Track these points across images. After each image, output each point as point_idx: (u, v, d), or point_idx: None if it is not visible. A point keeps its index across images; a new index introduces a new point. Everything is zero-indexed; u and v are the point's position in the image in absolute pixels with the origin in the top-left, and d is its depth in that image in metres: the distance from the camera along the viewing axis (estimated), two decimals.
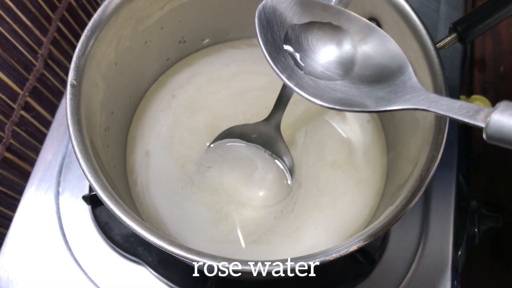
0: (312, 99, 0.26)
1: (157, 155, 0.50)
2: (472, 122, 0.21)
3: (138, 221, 0.34)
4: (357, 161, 0.50)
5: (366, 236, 0.34)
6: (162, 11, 0.47)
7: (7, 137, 0.56)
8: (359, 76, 0.28)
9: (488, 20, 0.41)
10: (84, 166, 0.35)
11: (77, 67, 0.39)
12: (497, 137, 0.19)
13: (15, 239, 0.51)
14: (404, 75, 0.26)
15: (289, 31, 0.30)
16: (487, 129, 0.20)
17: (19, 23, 0.55)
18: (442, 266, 0.48)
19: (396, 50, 0.28)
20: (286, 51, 0.29)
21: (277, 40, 0.29)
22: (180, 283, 0.48)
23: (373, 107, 0.26)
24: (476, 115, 0.21)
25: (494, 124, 0.19)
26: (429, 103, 0.24)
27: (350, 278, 0.48)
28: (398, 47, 0.28)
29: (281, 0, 0.30)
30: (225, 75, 0.55)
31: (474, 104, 0.22)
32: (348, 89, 0.28)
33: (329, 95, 0.27)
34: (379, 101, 0.25)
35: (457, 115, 0.22)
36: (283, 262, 0.32)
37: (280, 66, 0.28)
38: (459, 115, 0.22)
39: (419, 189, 0.35)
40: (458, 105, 0.22)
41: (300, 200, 0.48)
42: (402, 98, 0.25)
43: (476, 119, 0.20)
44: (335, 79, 0.28)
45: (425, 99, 0.24)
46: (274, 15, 0.30)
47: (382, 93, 0.26)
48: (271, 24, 0.29)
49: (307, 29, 0.30)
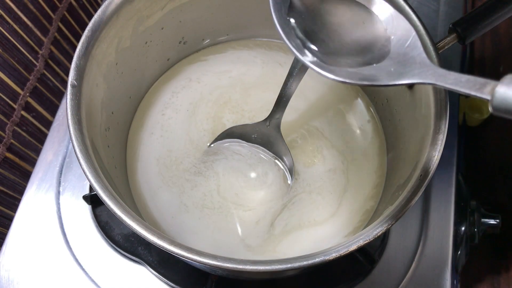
0: (326, 73, 0.26)
1: (157, 155, 0.50)
2: (478, 95, 0.21)
3: (138, 221, 0.34)
4: (357, 161, 0.50)
5: (366, 236, 0.34)
6: (163, 11, 0.47)
7: (7, 137, 0.56)
8: (371, 52, 0.28)
9: (488, 20, 0.41)
10: (85, 166, 0.36)
11: (78, 67, 0.39)
12: (503, 109, 0.20)
13: (16, 239, 0.51)
14: (413, 51, 0.27)
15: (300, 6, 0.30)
16: (493, 101, 0.20)
17: (20, 23, 0.55)
18: (442, 266, 0.48)
19: (408, 28, 0.28)
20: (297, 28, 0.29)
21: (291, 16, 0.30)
22: (180, 283, 0.48)
23: (385, 81, 0.26)
24: (482, 88, 0.21)
25: (500, 96, 0.20)
26: (436, 77, 0.24)
27: (350, 278, 0.48)
28: (409, 24, 0.28)
29: None
30: (225, 75, 0.55)
31: (480, 78, 0.22)
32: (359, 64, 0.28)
33: (340, 70, 0.27)
34: (390, 75, 0.26)
35: (464, 88, 0.22)
36: (282, 261, 0.32)
37: (294, 43, 0.28)
38: (466, 88, 0.22)
39: (419, 189, 0.35)
40: (465, 79, 0.22)
41: (300, 200, 0.48)
42: (411, 73, 0.25)
43: (482, 92, 0.21)
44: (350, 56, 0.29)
45: (433, 73, 0.25)
46: None
47: (393, 68, 0.26)
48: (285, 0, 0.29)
49: (320, 4, 0.30)
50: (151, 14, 0.46)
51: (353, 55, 0.29)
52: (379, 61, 0.28)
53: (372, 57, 0.28)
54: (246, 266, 0.32)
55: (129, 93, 0.50)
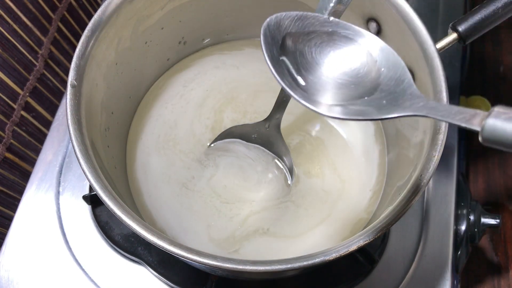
0: (320, 111, 0.27)
1: (157, 155, 0.50)
2: (469, 127, 0.22)
3: (138, 221, 0.34)
4: (357, 161, 0.50)
5: (366, 236, 0.34)
6: (162, 11, 0.47)
7: (7, 137, 0.56)
8: (363, 86, 0.29)
9: (488, 20, 0.41)
10: (84, 166, 0.35)
11: (78, 67, 0.39)
12: (492, 140, 0.20)
13: (16, 239, 0.51)
14: (404, 83, 0.27)
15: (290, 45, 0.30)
16: (483, 133, 0.21)
17: (20, 23, 0.55)
18: (442, 266, 0.48)
19: (397, 60, 0.29)
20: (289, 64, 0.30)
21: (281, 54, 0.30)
22: (180, 283, 0.48)
23: (376, 115, 0.26)
24: (472, 120, 0.22)
25: (489, 128, 0.20)
26: (428, 110, 0.25)
27: (350, 278, 0.48)
28: (399, 57, 0.29)
29: (285, 16, 0.31)
30: (225, 75, 0.55)
31: (470, 109, 0.23)
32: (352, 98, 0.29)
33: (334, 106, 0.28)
34: (382, 108, 0.26)
35: (455, 120, 0.23)
36: (282, 262, 0.32)
37: (286, 80, 0.28)
38: (457, 120, 0.23)
39: (419, 189, 0.35)
40: (456, 111, 0.23)
41: (300, 200, 0.48)
42: (403, 105, 0.26)
43: (472, 124, 0.22)
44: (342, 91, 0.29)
45: (424, 105, 0.25)
46: (278, 31, 0.30)
47: (385, 101, 0.27)
48: (276, 40, 0.30)
49: (310, 41, 0.31)
50: (151, 14, 0.46)
51: (345, 89, 0.29)
52: (371, 94, 0.28)
53: (363, 91, 0.28)
54: (246, 266, 0.32)
55: (129, 93, 0.50)
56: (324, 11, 0.37)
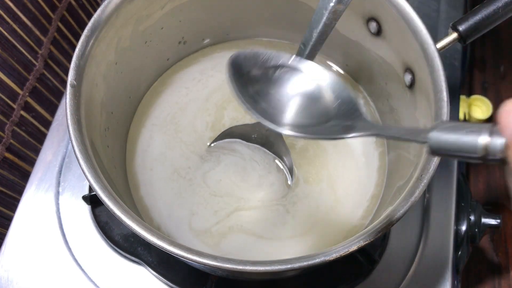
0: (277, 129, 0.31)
1: (157, 155, 0.50)
2: (416, 139, 0.24)
3: (138, 221, 0.34)
4: (357, 161, 0.50)
5: (366, 236, 0.34)
6: (162, 11, 0.47)
7: (7, 137, 0.56)
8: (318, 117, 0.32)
9: (489, 20, 0.41)
10: (84, 166, 0.35)
11: (77, 67, 0.39)
12: (438, 148, 0.23)
13: (15, 239, 0.51)
14: (355, 112, 0.30)
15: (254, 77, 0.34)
16: (430, 144, 0.23)
17: (19, 23, 0.55)
18: (442, 266, 0.48)
19: (347, 92, 0.32)
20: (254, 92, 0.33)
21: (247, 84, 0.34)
22: (180, 283, 0.48)
23: (334, 136, 0.30)
24: (419, 134, 0.24)
25: (433, 138, 0.22)
26: (378, 130, 0.29)
27: (350, 278, 0.48)
28: (348, 89, 0.32)
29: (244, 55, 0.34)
30: (225, 75, 0.54)
31: (417, 128, 0.26)
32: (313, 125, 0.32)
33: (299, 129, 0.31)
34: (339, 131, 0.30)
35: (404, 136, 0.26)
36: (283, 262, 0.32)
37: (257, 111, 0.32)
38: (406, 135, 0.25)
39: (419, 189, 0.35)
40: (404, 130, 0.26)
41: (300, 200, 0.48)
42: (357, 128, 0.29)
43: (419, 137, 0.24)
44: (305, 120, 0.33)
45: (374, 127, 0.29)
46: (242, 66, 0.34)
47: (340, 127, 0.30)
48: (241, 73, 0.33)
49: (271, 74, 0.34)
50: (151, 13, 0.46)
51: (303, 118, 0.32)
52: (328, 122, 0.31)
53: (321, 120, 0.32)
54: (246, 266, 0.32)
55: (128, 93, 0.50)
56: (324, 11, 0.37)
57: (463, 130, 0.21)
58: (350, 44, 0.50)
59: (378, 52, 0.47)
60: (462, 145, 0.21)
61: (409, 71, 0.43)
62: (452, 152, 0.22)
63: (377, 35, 0.45)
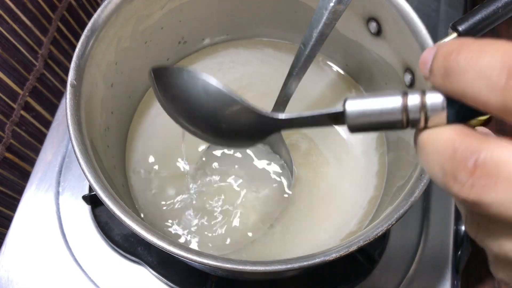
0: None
1: (157, 155, 0.50)
2: (331, 112, 0.23)
3: (138, 221, 0.34)
4: (357, 161, 0.50)
5: (366, 236, 0.34)
6: (162, 11, 0.47)
7: (7, 137, 0.56)
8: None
9: (488, 20, 0.41)
10: (84, 166, 0.35)
11: (77, 67, 0.39)
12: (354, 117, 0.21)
13: (15, 239, 0.51)
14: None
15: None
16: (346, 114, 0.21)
17: (19, 23, 0.55)
18: (442, 266, 0.48)
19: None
20: None
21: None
22: (180, 283, 0.48)
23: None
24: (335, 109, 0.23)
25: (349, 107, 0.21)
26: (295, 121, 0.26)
27: (350, 278, 0.48)
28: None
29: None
30: (225, 75, 0.55)
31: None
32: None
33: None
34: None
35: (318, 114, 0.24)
36: (282, 262, 0.32)
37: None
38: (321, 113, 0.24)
39: (419, 189, 0.35)
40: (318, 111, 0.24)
41: (300, 201, 0.48)
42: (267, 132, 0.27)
43: (335, 109, 0.23)
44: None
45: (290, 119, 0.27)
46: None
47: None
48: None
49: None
50: (151, 13, 0.46)
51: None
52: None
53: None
54: (246, 266, 0.32)
55: (128, 93, 0.50)
56: (324, 11, 0.37)
57: (380, 94, 0.21)
58: (350, 44, 0.50)
59: (378, 52, 0.47)
60: (381, 109, 0.20)
61: (409, 71, 0.43)
62: (371, 119, 0.21)
63: (377, 35, 0.45)
